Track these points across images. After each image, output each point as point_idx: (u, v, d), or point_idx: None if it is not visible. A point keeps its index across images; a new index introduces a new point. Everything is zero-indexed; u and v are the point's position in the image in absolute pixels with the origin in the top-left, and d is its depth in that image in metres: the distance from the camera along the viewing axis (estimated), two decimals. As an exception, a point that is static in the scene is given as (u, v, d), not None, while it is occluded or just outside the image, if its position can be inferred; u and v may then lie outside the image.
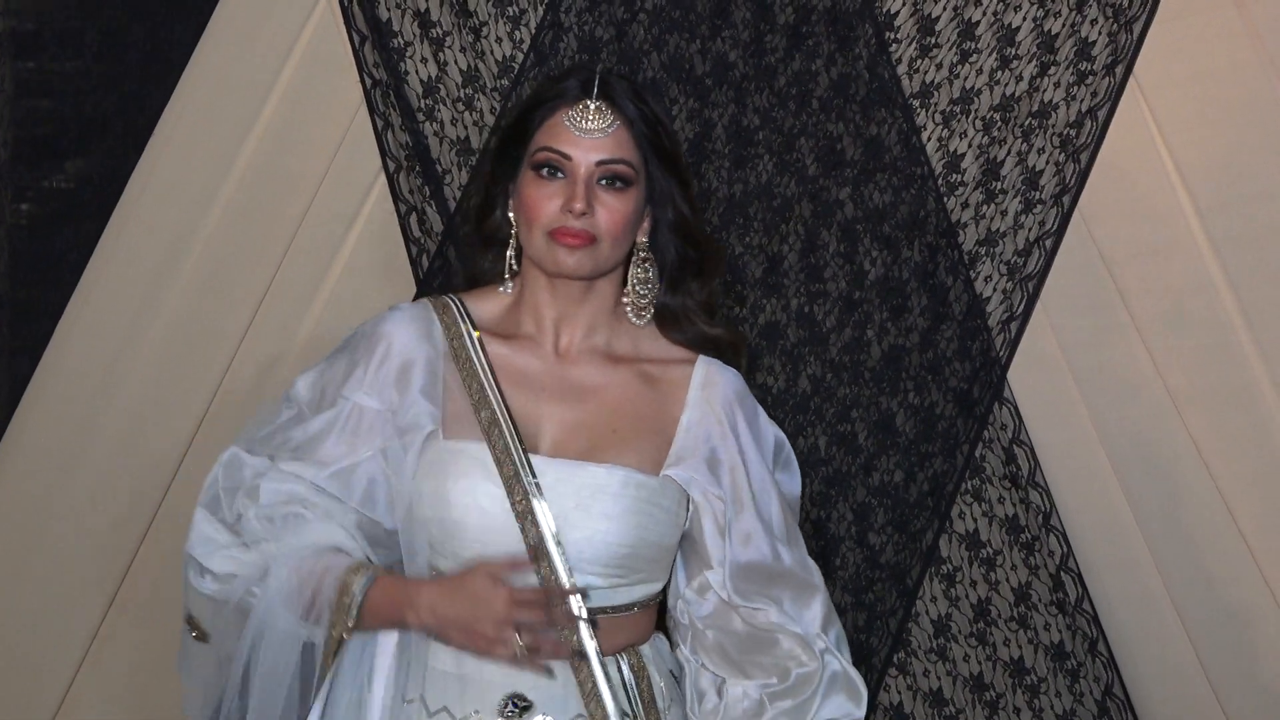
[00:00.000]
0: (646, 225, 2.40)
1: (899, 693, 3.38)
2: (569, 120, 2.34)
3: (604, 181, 2.33)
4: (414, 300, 2.49)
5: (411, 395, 2.35)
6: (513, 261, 2.41)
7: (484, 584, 2.22)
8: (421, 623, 2.25)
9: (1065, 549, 3.31)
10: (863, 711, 2.34)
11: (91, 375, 3.45)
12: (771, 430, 2.46)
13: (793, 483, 2.49)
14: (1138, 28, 3.22)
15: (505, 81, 3.32)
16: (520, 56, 3.32)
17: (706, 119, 3.32)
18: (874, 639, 3.35)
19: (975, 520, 3.35)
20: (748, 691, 2.34)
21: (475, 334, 2.38)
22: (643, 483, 2.33)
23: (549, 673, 2.28)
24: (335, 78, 3.38)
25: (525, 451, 2.31)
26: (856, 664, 3.30)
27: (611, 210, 2.33)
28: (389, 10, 3.31)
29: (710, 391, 2.41)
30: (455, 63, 3.33)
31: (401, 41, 3.32)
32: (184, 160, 3.41)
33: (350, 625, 2.25)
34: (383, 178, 3.36)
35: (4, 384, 3.48)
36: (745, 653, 2.35)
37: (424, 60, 3.33)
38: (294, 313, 3.43)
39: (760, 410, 2.45)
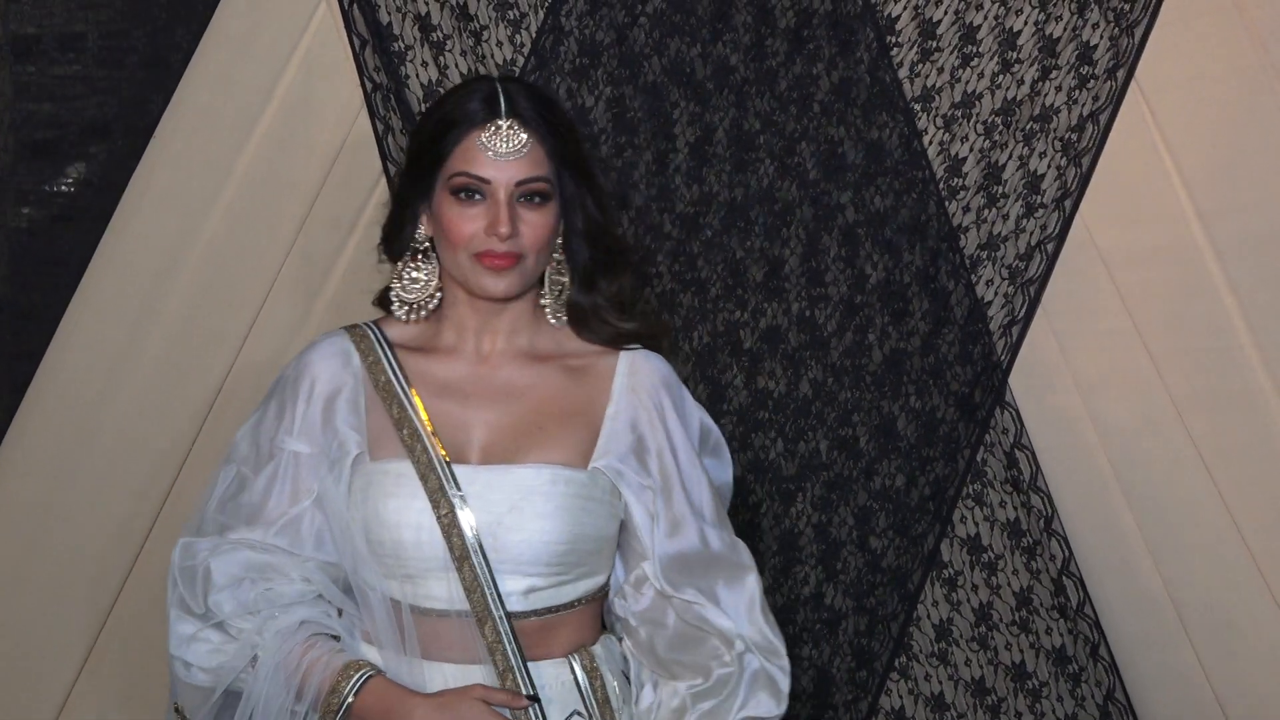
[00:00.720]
0: (561, 228, 2.43)
1: (900, 697, 3.38)
2: (482, 143, 2.36)
3: (523, 199, 2.37)
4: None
5: (334, 426, 2.38)
6: (426, 281, 2.43)
7: (477, 712, 2.27)
8: None
9: (1067, 553, 3.30)
10: (782, 708, 2.38)
11: (92, 379, 3.44)
12: (698, 415, 2.49)
13: (722, 470, 2.53)
14: (1139, 31, 3.22)
15: (506, 85, 3.32)
16: (521, 60, 3.32)
17: (707, 123, 3.32)
18: (875, 643, 3.35)
19: (976, 524, 3.35)
20: (677, 690, 2.38)
21: (391, 353, 2.41)
22: (571, 478, 2.36)
23: None
24: (335, 82, 3.37)
25: (449, 463, 2.34)
26: (858, 668, 3.34)
27: (534, 226, 2.37)
28: (389, 14, 3.31)
29: (636, 379, 2.44)
30: (456, 66, 3.32)
31: (402, 45, 3.32)
32: (184, 164, 3.41)
33: None
34: (383, 182, 3.36)
35: (4, 387, 3.48)
36: (673, 651, 2.39)
37: (425, 64, 3.32)
38: (294, 316, 3.43)
39: (688, 395, 2.49)
